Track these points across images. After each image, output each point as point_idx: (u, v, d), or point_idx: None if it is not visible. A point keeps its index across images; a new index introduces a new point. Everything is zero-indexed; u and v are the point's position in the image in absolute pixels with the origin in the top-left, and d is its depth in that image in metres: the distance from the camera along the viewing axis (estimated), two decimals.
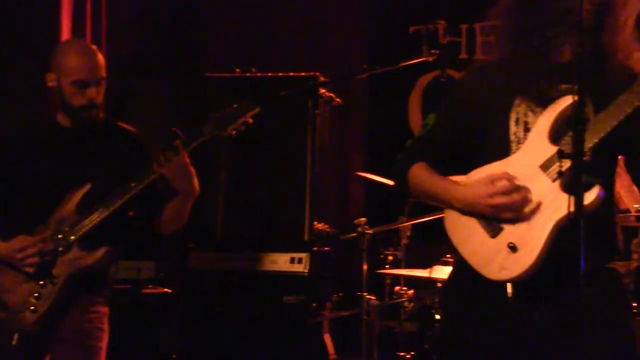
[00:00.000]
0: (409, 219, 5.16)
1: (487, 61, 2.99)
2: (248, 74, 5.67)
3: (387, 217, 5.23)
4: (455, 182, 2.88)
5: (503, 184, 2.72)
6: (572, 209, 2.41)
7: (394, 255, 5.47)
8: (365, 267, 4.84)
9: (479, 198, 2.75)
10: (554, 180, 2.70)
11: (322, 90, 5.51)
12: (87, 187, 3.55)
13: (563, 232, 2.64)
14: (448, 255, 4.84)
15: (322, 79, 5.48)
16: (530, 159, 2.75)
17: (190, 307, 5.46)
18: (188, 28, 6.91)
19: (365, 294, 4.88)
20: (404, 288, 5.21)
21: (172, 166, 3.53)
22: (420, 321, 5.06)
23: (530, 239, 2.69)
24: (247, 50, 6.88)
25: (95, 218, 3.48)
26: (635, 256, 4.80)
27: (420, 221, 5.02)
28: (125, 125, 3.77)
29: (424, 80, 6.69)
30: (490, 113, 2.87)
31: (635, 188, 4.94)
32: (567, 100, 2.73)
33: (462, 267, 2.85)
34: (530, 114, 2.81)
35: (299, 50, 6.93)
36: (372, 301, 4.99)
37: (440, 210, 4.64)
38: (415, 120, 6.74)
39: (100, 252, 3.49)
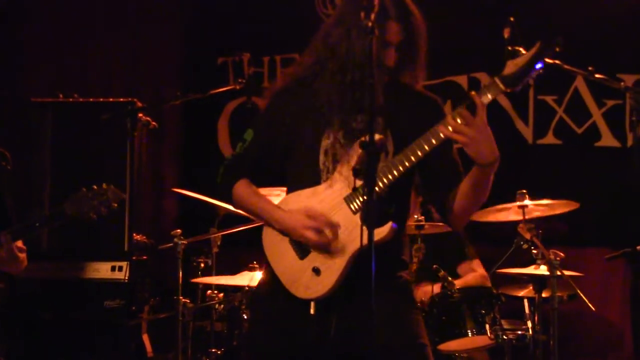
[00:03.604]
0: (219, 230, 5.26)
1: (294, 85, 3.02)
2: (71, 99, 5.65)
3: (199, 228, 5.31)
4: (276, 206, 2.96)
5: (319, 222, 2.81)
6: (365, 241, 2.49)
7: (206, 263, 5.55)
8: (180, 273, 4.89)
9: (295, 227, 2.84)
10: (354, 213, 2.82)
11: (140, 115, 5.53)
12: None
13: (360, 258, 2.76)
14: (255, 262, 4.98)
15: (139, 104, 5.50)
16: (336, 191, 2.85)
17: (17, 313, 5.37)
18: (9, 54, 6.77)
19: (180, 297, 4.93)
20: (215, 292, 5.29)
21: (4, 251, 3.44)
22: (230, 321, 5.15)
23: (332, 264, 2.81)
24: (67, 77, 6.81)
25: None
26: (415, 259, 5.08)
27: (229, 232, 5.13)
28: None
29: (231, 106, 6.80)
30: (300, 140, 2.95)
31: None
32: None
33: (273, 278, 2.95)
34: (337, 146, 2.89)
35: (117, 78, 6.93)
36: (187, 304, 5.05)
37: (245, 222, 4.80)
38: (224, 142, 6.83)
39: None
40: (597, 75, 4.11)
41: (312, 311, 2.85)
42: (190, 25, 7.02)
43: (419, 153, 2.76)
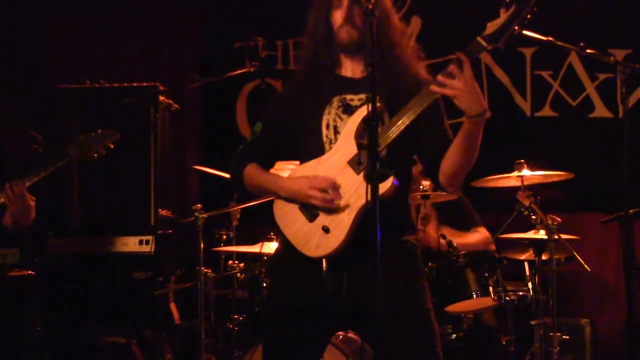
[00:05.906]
0: (237, 204, 5.27)
1: (298, 76, 3.14)
2: (97, 85, 5.65)
3: (219, 203, 5.32)
4: (282, 176, 3.04)
5: (322, 182, 2.87)
6: (369, 196, 2.56)
7: (227, 235, 5.56)
8: (201, 245, 4.89)
9: (301, 189, 2.90)
10: (358, 173, 2.86)
11: (162, 98, 5.54)
12: None
13: (366, 214, 2.79)
14: (272, 233, 4.99)
15: (161, 88, 5.51)
16: (340, 157, 2.90)
17: (51, 286, 5.39)
18: (38, 43, 6.75)
19: (202, 268, 4.94)
20: (236, 262, 5.31)
21: (13, 197, 3.44)
22: (250, 288, 5.16)
23: (340, 222, 2.85)
24: (93, 64, 6.79)
25: None
26: (420, 227, 5.08)
27: (246, 205, 5.14)
28: None
29: (248, 87, 6.78)
30: (304, 120, 3.03)
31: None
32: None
33: (287, 246, 3.00)
34: (338, 119, 2.96)
35: (140, 64, 6.91)
36: (208, 274, 5.06)
37: (261, 196, 4.77)
38: (242, 121, 6.82)
39: None
40: (588, 51, 4.09)
41: (324, 267, 2.89)
42: (208, 12, 6.99)
43: (414, 111, 2.80)
